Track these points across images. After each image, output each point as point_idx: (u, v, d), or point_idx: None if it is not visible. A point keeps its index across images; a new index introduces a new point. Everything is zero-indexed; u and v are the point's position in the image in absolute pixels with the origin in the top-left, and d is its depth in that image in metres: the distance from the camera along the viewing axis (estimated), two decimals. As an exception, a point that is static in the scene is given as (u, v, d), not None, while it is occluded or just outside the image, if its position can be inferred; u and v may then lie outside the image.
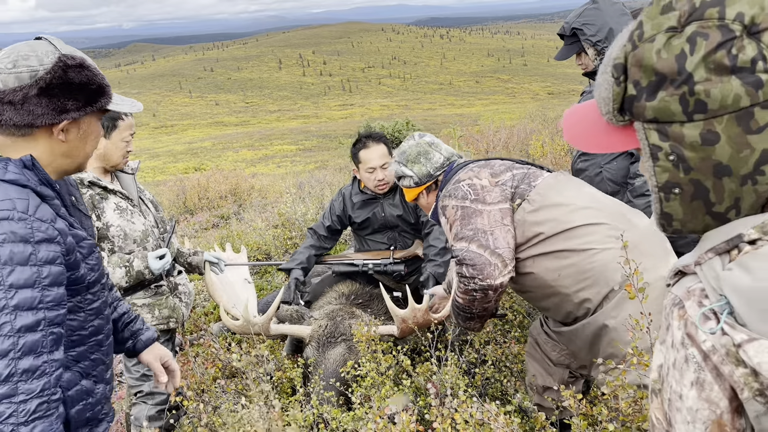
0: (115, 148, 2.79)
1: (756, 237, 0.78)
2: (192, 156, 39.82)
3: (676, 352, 0.83)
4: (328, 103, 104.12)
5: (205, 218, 9.79)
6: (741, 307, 0.76)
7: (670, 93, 0.79)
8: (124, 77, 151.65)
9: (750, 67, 0.74)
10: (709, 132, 0.78)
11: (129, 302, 2.86)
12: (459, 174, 2.50)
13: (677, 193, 0.86)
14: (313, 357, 3.14)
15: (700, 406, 0.80)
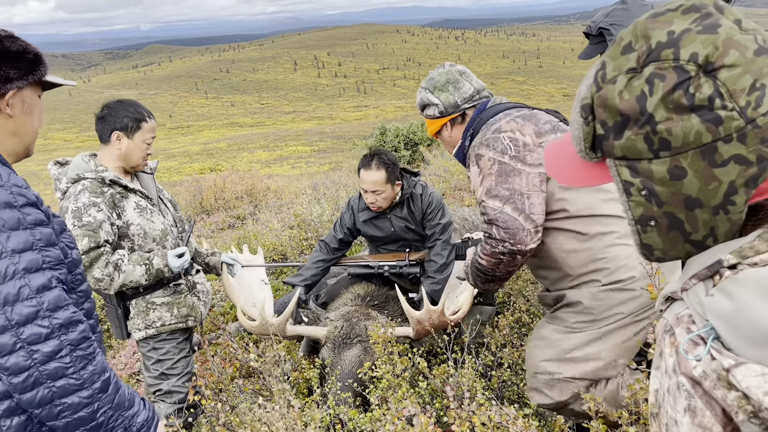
0: (136, 149, 2.82)
1: (735, 262, 0.80)
2: (207, 156, 40.09)
3: (669, 378, 0.84)
4: (343, 105, 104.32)
5: (221, 219, 9.86)
6: (725, 333, 0.77)
7: (635, 132, 0.81)
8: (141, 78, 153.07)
9: (708, 105, 0.76)
10: (676, 167, 0.80)
11: (148, 301, 2.89)
12: (500, 122, 2.30)
13: (653, 225, 0.87)
14: (329, 358, 3.15)
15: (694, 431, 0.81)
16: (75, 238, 2.55)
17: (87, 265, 2.58)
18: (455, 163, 9.42)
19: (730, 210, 0.81)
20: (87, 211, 2.62)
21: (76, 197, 2.66)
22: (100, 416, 1.46)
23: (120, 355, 4.96)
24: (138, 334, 2.90)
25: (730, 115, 0.76)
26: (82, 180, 2.72)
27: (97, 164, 2.77)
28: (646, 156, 0.82)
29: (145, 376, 3.01)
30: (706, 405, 0.79)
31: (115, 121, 2.76)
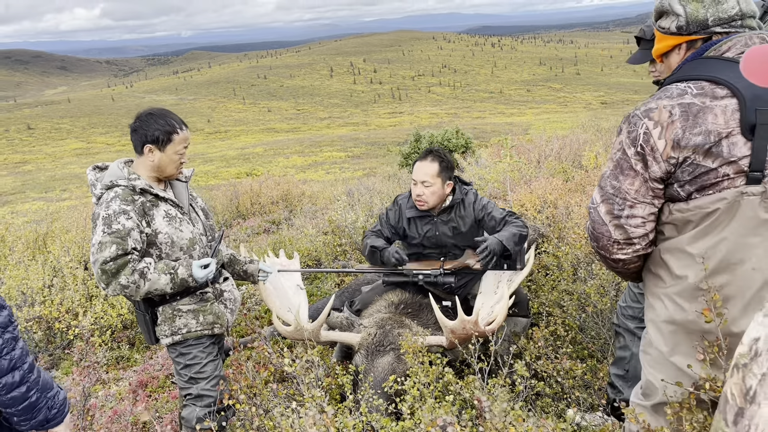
0: (169, 161, 2.86)
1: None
2: (244, 161, 40.68)
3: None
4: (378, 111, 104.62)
5: (257, 223, 10.00)
6: None
7: None
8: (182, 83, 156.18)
9: None
10: None
11: (174, 308, 2.93)
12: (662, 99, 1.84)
13: None
14: (362, 365, 3.16)
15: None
16: (103, 245, 2.62)
17: (114, 271, 2.62)
18: (490, 170, 9.35)
19: None
20: (117, 219, 2.67)
21: (108, 204, 2.71)
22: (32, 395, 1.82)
23: (157, 355, 5.06)
24: (165, 340, 2.95)
25: None
26: (115, 187, 2.78)
27: (130, 172, 2.82)
28: None
29: (176, 380, 3.06)
30: None
31: (146, 135, 2.80)
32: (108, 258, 2.61)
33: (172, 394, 4.08)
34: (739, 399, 0.82)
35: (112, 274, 2.63)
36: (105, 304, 5.66)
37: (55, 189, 32.46)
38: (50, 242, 7.10)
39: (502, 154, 7.94)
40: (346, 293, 4.48)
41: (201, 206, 3.18)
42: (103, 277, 2.63)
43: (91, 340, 5.27)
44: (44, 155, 65.06)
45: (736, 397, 0.83)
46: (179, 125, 2.86)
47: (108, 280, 2.63)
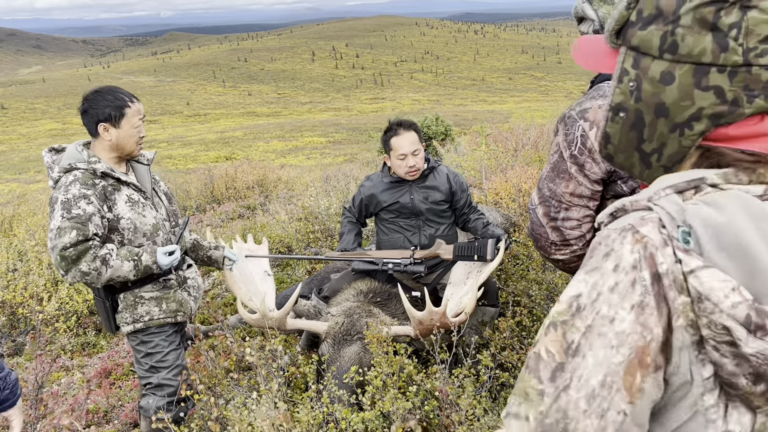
0: (127, 136, 2.74)
1: (718, 182, 0.87)
2: (224, 145, 40.26)
3: (623, 275, 0.85)
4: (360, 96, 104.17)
5: (232, 208, 9.87)
6: (705, 237, 0.82)
7: (658, 27, 0.88)
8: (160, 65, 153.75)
9: (725, 30, 0.82)
10: (669, 73, 0.87)
11: (136, 295, 2.85)
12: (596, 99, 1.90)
13: (622, 117, 0.95)
14: (328, 354, 3.11)
15: (633, 329, 0.83)
16: (62, 230, 2.52)
17: (74, 258, 2.53)
18: (467, 158, 9.33)
19: (685, 133, 0.89)
20: (77, 203, 2.57)
21: (67, 188, 2.60)
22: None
23: (123, 342, 4.97)
24: (126, 327, 2.86)
25: (736, 48, 0.82)
26: (74, 170, 2.67)
27: (90, 154, 2.71)
28: (653, 53, 0.89)
29: (136, 368, 2.99)
30: (657, 304, 0.83)
31: (97, 113, 2.69)
32: (68, 244, 2.51)
33: (135, 382, 4.00)
34: (558, 355, 0.86)
35: (72, 260, 2.53)
36: (70, 289, 5.53)
37: (29, 170, 31.84)
38: (16, 225, 6.93)
39: (478, 142, 7.92)
40: (314, 281, 4.41)
41: (164, 190, 3.08)
42: (62, 263, 2.53)
43: (56, 325, 5.16)
44: (18, 136, 63.77)
45: (554, 354, 0.87)
46: (129, 98, 2.75)
47: (68, 266, 2.54)
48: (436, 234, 3.72)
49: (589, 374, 0.84)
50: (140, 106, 2.79)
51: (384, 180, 3.75)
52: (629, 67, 0.93)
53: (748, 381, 0.82)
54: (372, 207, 3.82)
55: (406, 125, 3.60)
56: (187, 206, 10.49)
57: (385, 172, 3.78)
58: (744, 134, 0.88)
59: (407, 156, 3.55)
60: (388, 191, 3.72)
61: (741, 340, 0.79)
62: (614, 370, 0.83)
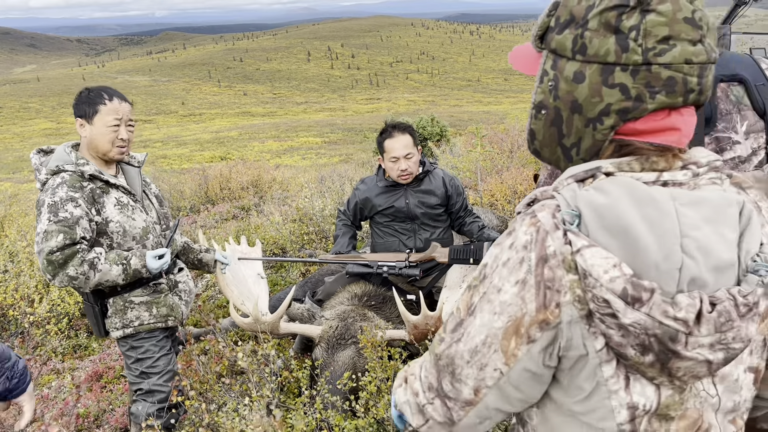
0: (100, 135, 2.65)
1: (612, 170, 0.96)
2: (219, 145, 40.15)
3: (514, 252, 0.95)
4: (355, 97, 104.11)
5: (226, 209, 9.79)
6: (591, 219, 0.90)
7: (571, 31, 0.97)
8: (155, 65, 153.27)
9: (626, 33, 0.91)
10: (581, 73, 0.96)
11: (126, 299, 2.79)
12: None
13: (543, 113, 1.04)
14: (322, 358, 3.07)
15: (513, 302, 0.94)
16: (49, 234, 2.47)
17: (61, 262, 2.47)
18: (462, 159, 9.30)
19: (597, 127, 0.97)
20: (64, 207, 2.51)
21: (54, 191, 2.54)
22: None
23: (115, 345, 4.91)
24: (115, 333, 2.80)
25: (636, 49, 0.91)
26: (62, 173, 2.61)
27: (78, 156, 2.64)
28: (567, 55, 0.98)
29: (126, 374, 2.93)
30: (536, 285, 0.92)
31: (76, 109, 2.65)
32: (54, 248, 2.45)
33: (127, 386, 3.94)
34: (463, 312, 1.02)
35: (59, 264, 2.47)
36: (62, 291, 5.47)
37: (22, 170, 31.66)
38: (7, 226, 6.85)
39: (473, 143, 7.89)
40: (308, 284, 4.37)
41: (155, 193, 3.03)
42: (49, 267, 2.48)
43: (47, 327, 5.10)
44: (12, 135, 63.45)
45: (461, 310, 1.03)
46: (110, 96, 2.65)
47: (54, 271, 2.48)
48: (432, 237, 3.68)
49: (476, 333, 0.99)
50: (120, 106, 2.67)
51: (378, 184, 3.71)
52: (549, 68, 1.02)
53: (636, 351, 0.89)
54: (367, 211, 3.78)
55: (401, 128, 3.56)
56: (180, 207, 10.41)
57: (380, 175, 3.74)
58: (651, 128, 0.96)
59: (399, 159, 3.51)
60: (382, 195, 3.69)
61: (619, 311, 0.86)
62: (494, 333, 0.97)
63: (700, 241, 0.89)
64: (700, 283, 0.89)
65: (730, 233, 0.92)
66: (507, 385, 0.99)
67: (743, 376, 1.04)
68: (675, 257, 0.88)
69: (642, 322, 0.86)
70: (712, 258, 0.90)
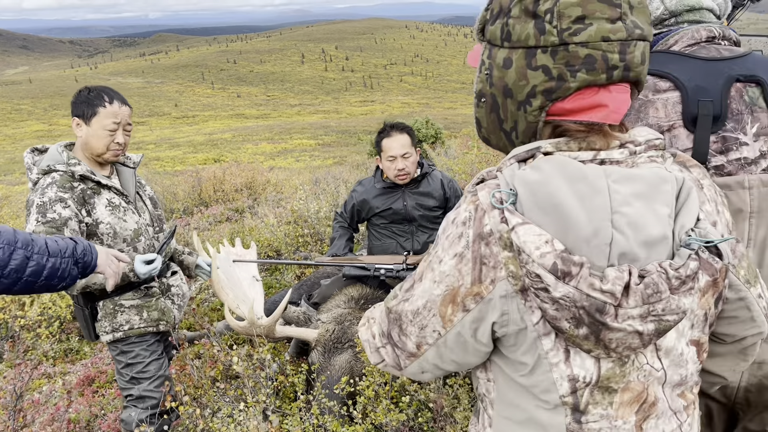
0: (95, 137, 2.61)
1: (550, 150, 0.99)
2: (212, 147, 40.03)
3: (455, 228, 1.01)
4: (349, 99, 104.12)
5: (220, 211, 9.73)
6: (525, 197, 0.93)
7: (500, 21, 1.02)
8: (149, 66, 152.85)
9: (542, 16, 0.95)
10: (509, 59, 1.01)
11: (116, 303, 2.73)
12: None
13: (483, 102, 1.08)
14: (318, 362, 3.02)
15: (451, 273, 1.01)
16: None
17: None
18: (458, 162, 9.27)
19: (527, 109, 1.01)
20: (52, 207, 2.46)
21: (43, 191, 2.50)
22: (46, 264, 1.72)
23: (107, 348, 4.84)
24: (105, 337, 2.74)
25: (551, 31, 0.95)
26: (53, 173, 2.56)
27: (70, 156, 2.60)
28: (497, 43, 1.03)
29: (117, 379, 2.87)
30: (473, 259, 0.97)
31: (74, 108, 2.60)
32: None
33: (119, 391, 3.88)
34: (416, 276, 1.10)
35: None
36: (53, 294, 5.40)
37: (14, 172, 31.44)
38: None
39: (469, 145, 7.86)
40: (304, 286, 4.32)
41: (149, 195, 2.98)
42: None
43: (38, 331, 5.03)
44: (3, 137, 63.06)
45: (415, 275, 1.11)
46: (111, 99, 2.61)
47: None
48: (430, 240, 3.65)
49: (418, 296, 1.08)
50: (120, 110, 2.64)
51: (376, 185, 3.68)
52: (485, 58, 1.07)
53: (570, 324, 0.92)
54: (364, 212, 3.75)
55: (400, 128, 3.54)
56: (174, 209, 10.34)
57: (377, 176, 3.71)
58: (579, 107, 0.98)
59: (397, 158, 3.49)
60: (380, 197, 3.65)
61: (550, 285, 0.90)
62: (433, 300, 1.05)
63: (630, 216, 0.91)
64: (631, 257, 0.92)
65: (663, 209, 0.94)
66: (444, 346, 1.07)
67: (687, 349, 1.06)
68: (605, 232, 0.90)
69: (571, 295, 0.89)
70: (643, 233, 0.92)
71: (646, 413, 1.03)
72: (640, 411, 1.02)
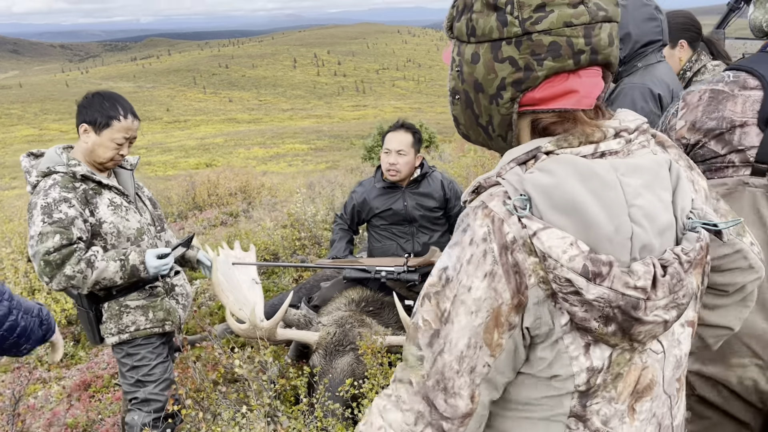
0: (103, 147, 2.63)
1: (552, 149, 0.96)
2: (204, 152, 39.94)
3: (475, 247, 0.94)
4: (342, 104, 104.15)
5: (214, 215, 9.70)
6: (541, 201, 0.91)
7: (465, 18, 1.01)
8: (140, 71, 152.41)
9: (503, 8, 0.95)
10: (476, 54, 1.00)
11: (121, 304, 2.72)
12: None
13: (457, 98, 1.07)
14: (320, 365, 3.01)
15: (487, 296, 0.93)
16: (45, 236, 2.40)
17: (59, 262, 2.42)
18: (453, 166, 9.29)
19: (499, 102, 1.00)
20: (58, 207, 2.46)
21: (46, 192, 2.49)
22: (21, 321, 1.70)
23: (103, 353, 4.80)
24: (111, 339, 2.72)
25: (513, 21, 0.94)
26: (53, 174, 2.56)
27: (69, 158, 2.61)
28: (464, 39, 1.02)
29: (121, 382, 2.84)
30: (505, 273, 0.92)
31: (86, 113, 2.60)
32: (51, 248, 2.40)
33: (116, 395, 3.85)
34: (434, 323, 0.97)
35: (57, 265, 2.42)
36: (48, 298, 5.36)
37: (4, 177, 31.26)
38: (-9, 232, 6.71)
39: (466, 149, 7.88)
40: (303, 289, 4.30)
41: (148, 195, 2.98)
42: (46, 269, 2.42)
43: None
44: (-7, 141, 62.61)
45: (430, 322, 0.97)
46: (125, 113, 2.64)
47: (52, 272, 2.42)
48: (430, 241, 3.64)
49: (458, 338, 0.95)
50: (132, 124, 2.66)
51: (376, 185, 3.68)
52: (455, 55, 1.06)
53: (600, 324, 0.91)
54: (364, 213, 3.74)
55: (405, 126, 3.59)
56: (168, 213, 10.30)
57: (377, 176, 3.72)
58: (550, 95, 0.98)
59: (391, 152, 3.52)
60: (380, 197, 3.65)
61: (582, 288, 0.88)
62: (476, 332, 0.94)
63: (644, 208, 0.92)
64: (650, 249, 0.93)
65: (666, 195, 0.97)
66: (495, 374, 0.97)
67: (680, 329, 1.07)
68: (625, 227, 0.90)
69: (605, 296, 0.88)
70: (657, 222, 0.93)
71: (639, 395, 1.03)
72: (635, 393, 1.03)
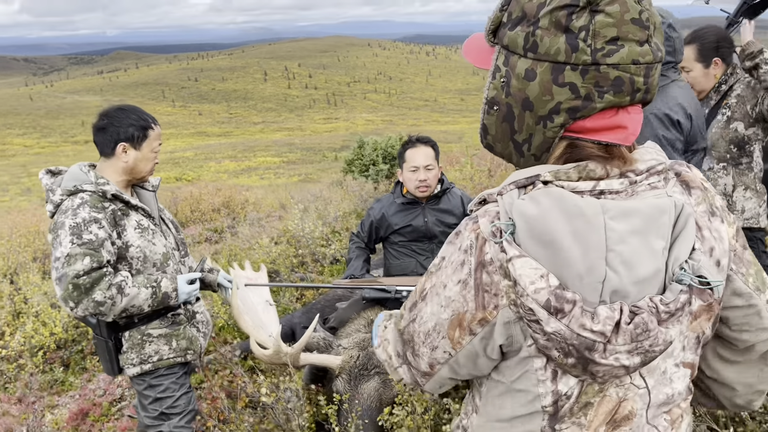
0: (145, 159, 2.56)
1: (549, 179, 0.97)
2: (174, 166, 39.36)
3: (460, 254, 1.01)
4: (313, 116, 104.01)
5: (198, 231, 9.48)
6: (522, 229, 0.93)
7: (522, 29, 0.96)
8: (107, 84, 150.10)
9: (576, 32, 0.91)
10: (532, 71, 0.96)
11: (143, 332, 2.57)
12: None
13: (496, 110, 1.04)
14: (345, 390, 2.89)
15: (456, 298, 1.02)
16: (73, 258, 2.25)
17: (87, 286, 2.27)
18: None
19: (548, 125, 0.97)
20: (88, 228, 2.32)
21: (75, 211, 2.35)
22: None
23: (97, 379, 4.59)
24: (132, 369, 2.57)
25: (585, 49, 0.91)
26: (81, 192, 2.41)
27: (97, 176, 2.47)
28: (519, 52, 0.97)
29: (141, 417, 2.67)
30: (475, 287, 0.98)
31: (119, 132, 2.48)
32: (81, 271, 2.25)
33: (120, 425, 3.66)
34: (418, 294, 1.14)
35: (86, 289, 2.26)
36: (36, 321, 5.12)
37: (-33, 192, 30.28)
38: (-31, 253, 6.41)
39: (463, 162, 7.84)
40: (313, 310, 4.17)
41: (169, 218, 2.84)
42: (74, 293, 2.25)
43: (19, 362, 4.74)
44: (-46, 156, 60.79)
45: (416, 293, 1.14)
46: (153, 120, 2.59)
47: (80, 297, 2.26)
48: None
49: (427, 318, 1.09)
50: (160, 130, 2.64)
51: (396, 201, 3.60)
52: (501, 64, 1.01)
53: (560, 354, 0.93)
54: (383, 230, 3.65)
55: (424, 140, 3.52)
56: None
57: (397, 192, 3.63)
58: (599, 126, 0.97)
59: (419, 169, 3.44)
60: (399, 213, 3.57)
61: (542, 320, 0.91)
62: (441, 323, 1.06)
63: (624, 255, 0.91)
64: (623, 294, 0.92)
65: (659, 242, 0.94)
66: (455, 363, 1.09)
67: (673, 369, 1.06)
68: (598, 270, 0.91)
69: (562, 332, 0.90)
70: (636, 270, 0.92)
71: (617, 424, 1.04)
72: (611, 422, 1.04)
